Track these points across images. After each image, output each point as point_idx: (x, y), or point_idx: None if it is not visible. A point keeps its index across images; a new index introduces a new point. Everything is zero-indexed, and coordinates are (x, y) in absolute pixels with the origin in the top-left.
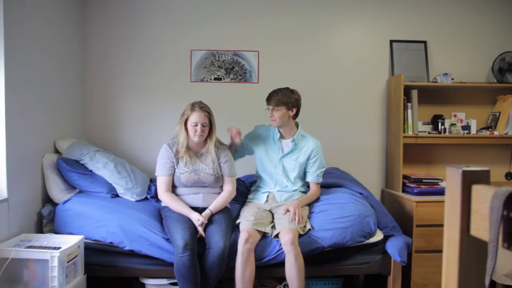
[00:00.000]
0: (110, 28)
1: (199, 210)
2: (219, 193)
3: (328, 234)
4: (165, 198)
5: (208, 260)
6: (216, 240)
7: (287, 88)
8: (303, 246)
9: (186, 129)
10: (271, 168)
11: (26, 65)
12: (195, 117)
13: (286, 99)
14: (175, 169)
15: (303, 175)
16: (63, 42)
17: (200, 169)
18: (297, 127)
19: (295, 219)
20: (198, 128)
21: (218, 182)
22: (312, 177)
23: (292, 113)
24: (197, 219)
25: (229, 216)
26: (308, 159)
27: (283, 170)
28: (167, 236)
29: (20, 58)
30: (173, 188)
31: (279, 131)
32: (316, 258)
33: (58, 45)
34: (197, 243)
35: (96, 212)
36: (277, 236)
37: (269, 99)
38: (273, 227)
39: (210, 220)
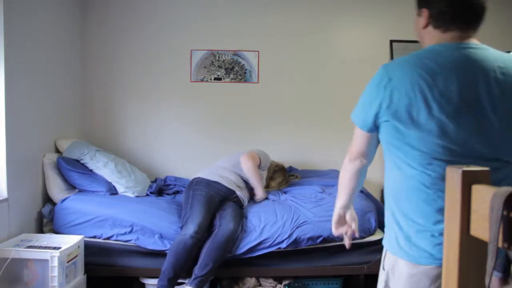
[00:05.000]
0: (110, 28)
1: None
2: None
3: (329, 224)
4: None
5: (216, 238)
6: (228, 220)
7: None
8: (306, 231)
9: None
10: None
11: (27, 65)
12: None
13: None
14: None
15: None
16: (64, 42)
17: None
18: None
19: None
20: None
21: None
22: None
23: None
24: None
25: (241, 210)
26: None
27: None
28: (168, 222)
29: (21, 57)
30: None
31: None
32: (316, 256)
33: (58, 45)
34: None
35: (95, 208)
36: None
37: None
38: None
39: (224, 206)
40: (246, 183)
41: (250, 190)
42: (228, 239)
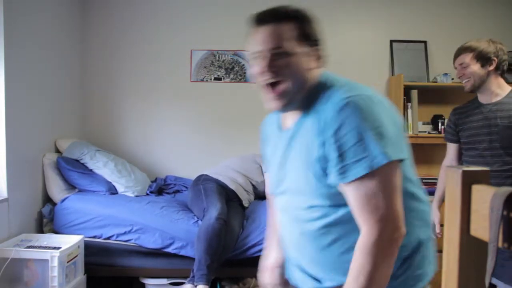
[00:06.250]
0: (110, 28)
1: None
2: None
3: None
4: None
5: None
6: (229, 221)
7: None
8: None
9: None
10: None
11: (27, 65)
12: None
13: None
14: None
15: None
16: (64, 42)
17: None
18: None
19: None
20: None
21: None
22: None
23: None
24: None
25: (242, 211)
26: None
27: None
28: (169, 220)
29: (21, 57)
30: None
31: None
32: None
33: (58, 45)
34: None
35: (95, 207)
36: None
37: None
38: None
39: (231, 206)
40: (254, 187)
41: (256, 195)
42: (234, 239)
